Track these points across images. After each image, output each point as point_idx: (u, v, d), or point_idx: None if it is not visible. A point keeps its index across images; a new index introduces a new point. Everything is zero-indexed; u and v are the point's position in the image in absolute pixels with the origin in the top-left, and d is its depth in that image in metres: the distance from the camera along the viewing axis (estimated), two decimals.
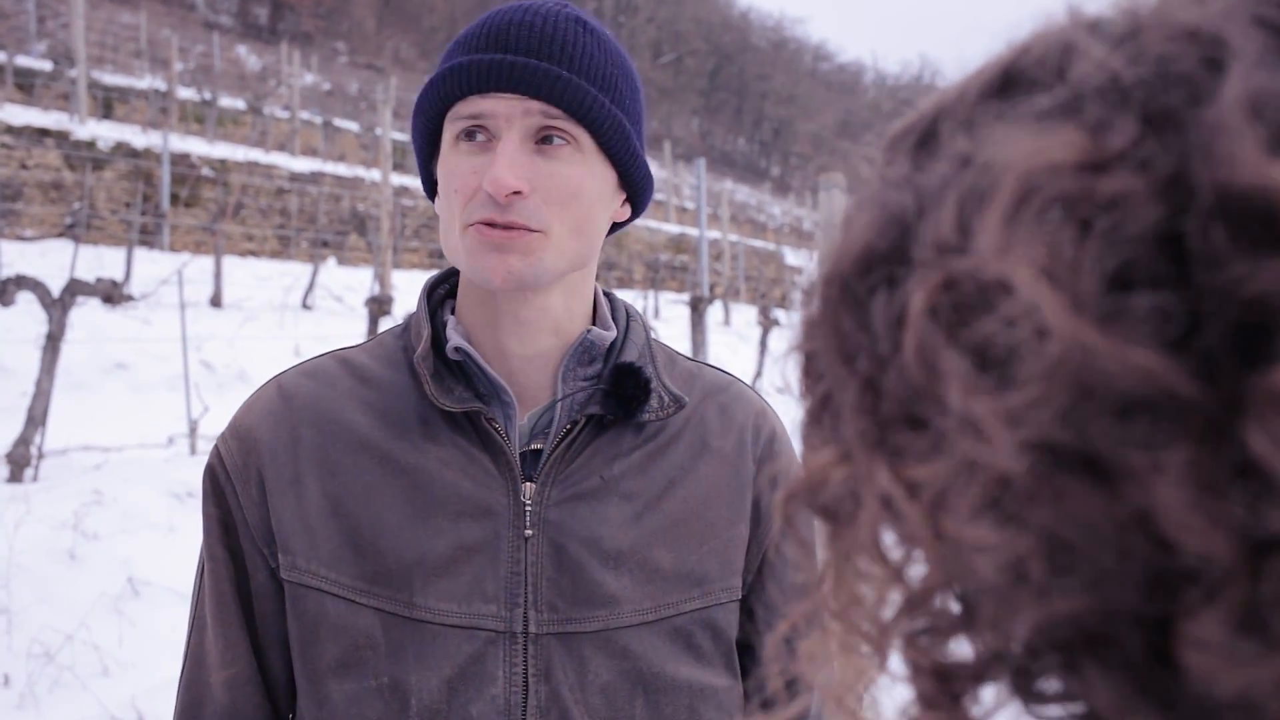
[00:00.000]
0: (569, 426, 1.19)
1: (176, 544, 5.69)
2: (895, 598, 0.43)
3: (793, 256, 32.42)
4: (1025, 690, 0.40)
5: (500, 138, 1.12)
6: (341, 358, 1.27)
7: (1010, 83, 0.40)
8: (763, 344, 12.83)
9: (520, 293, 1.17)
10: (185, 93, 24.86)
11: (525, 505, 1.16)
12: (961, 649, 0.42)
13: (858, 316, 0.42)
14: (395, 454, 1.17)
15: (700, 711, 1.19)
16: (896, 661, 0.47)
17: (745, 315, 21.51)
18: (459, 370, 1.21)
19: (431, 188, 1.26)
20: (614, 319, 1.29)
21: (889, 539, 0.43)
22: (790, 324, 0.49)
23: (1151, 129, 0.35)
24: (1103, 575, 0.34)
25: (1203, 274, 0.32)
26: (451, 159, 1.15)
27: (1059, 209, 0.34)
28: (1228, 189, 0.32)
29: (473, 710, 1.13)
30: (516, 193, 1.10)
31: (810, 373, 0.47)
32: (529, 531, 1.16)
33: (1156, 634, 0.35)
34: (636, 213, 1.28)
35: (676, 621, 1.19)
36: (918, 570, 0.41)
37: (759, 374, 12.62)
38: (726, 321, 19.78)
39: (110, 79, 23.66)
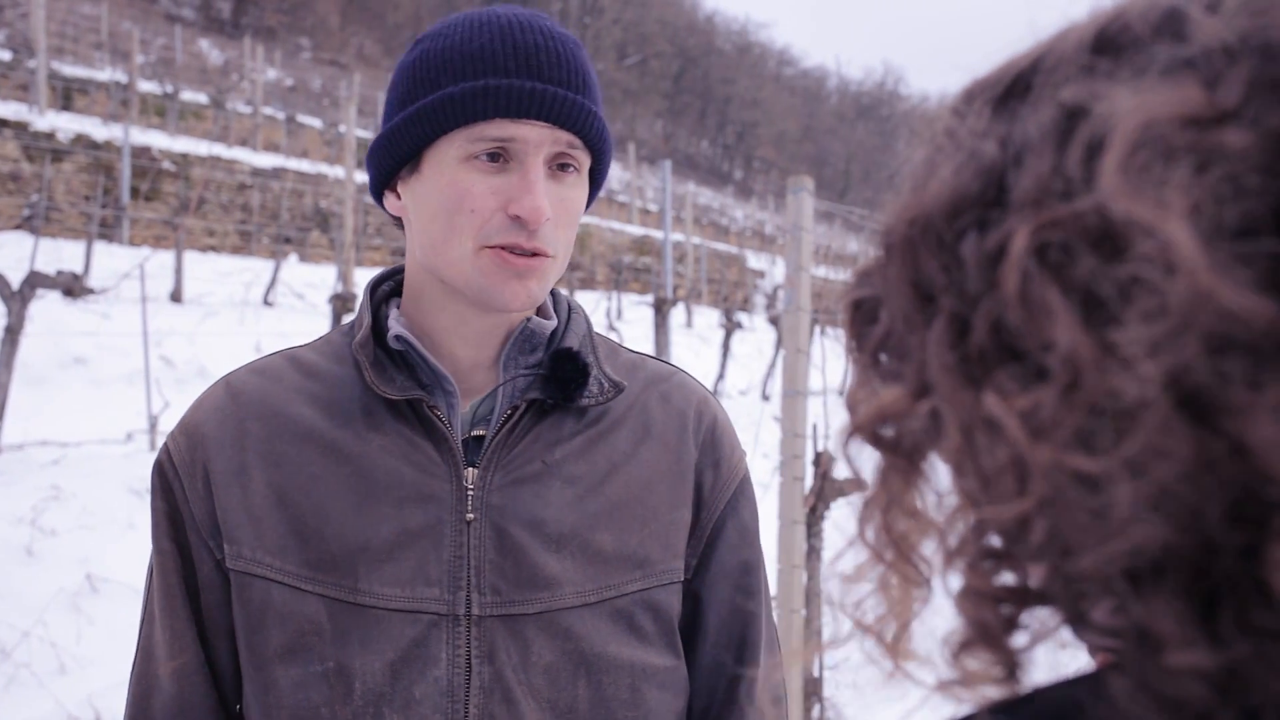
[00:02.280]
0: (510, 412, 1.22)
1: (136, 540, 5.65)
2: (960, 525, 0.46)
3: (755, 260, 32.50)
4: (1078, 616, 0.43)
5: (522, 163, 1.16)
6: (290, 355, 1.31)
7: (1110, 42, 0.43)
8: (725, 346, 12.86)
9: (510, 313, 1.22)
10: (146, 85, 24.61)
11: (468, 490, 1.19)
12: (1011, 578, 0.45)
13: (943, 257, 0.44)
14: (339, 443, 1.20)
15: (642, 691, 1.23)
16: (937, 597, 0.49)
17: (708, 318, 21.54)
18: (401, 360, 1.24)
19: (381, 187, 1.26)
20: (555, 311, 1.33)
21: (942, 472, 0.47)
22: (852, 273, 0.51)
23: (1258, 90, 0.37)
24: (1189, 505, 0.36)
25: None
26: (465, 177, 1.16)
27: (1181, 158, 0.36)
28: None
29: (416, 692, 1.15)
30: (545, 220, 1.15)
31: (862, 318, 0.50)
32: (471, 515, 1.19)
33: (1231, 565, 0.36)
34: None
35: (618, 603, 1.22)
36: (987, 501, 0.43)
37: (721, 376, 12.65)
38: (689, 324, 19.80)
39: (70, 70, 23.38)
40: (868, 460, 0.50)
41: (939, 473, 0.47)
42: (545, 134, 1.15)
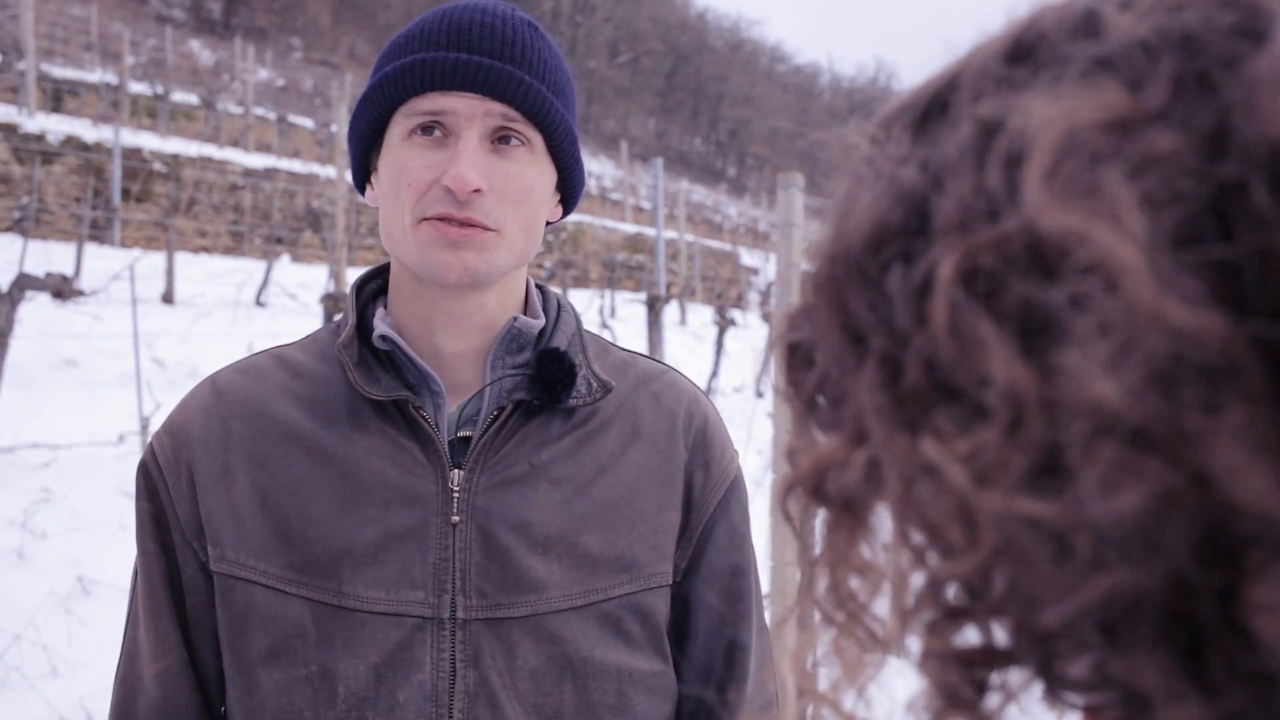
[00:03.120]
0: (496, 413, 1.20)
1: (127, 543, 5.63)
2: (916, 583, 0.42)
3: (748, 257, 32.53)
4: (1053, 674, 0.39)
5: (459, 135, 1.15)
6: (276, 354, 1.29)
7: (1026, 51, 0.40)
8: (718, 344, 12.86)
9: (456, 290, 1.19)
10: (137, 87, 24.60)
11: (453, 492, 1.18)
12: (975, 636, 0.41)
13: (869, 295, 0.41)
14: (324, 444, 1.19)
15: (629, 695, 1.21)
16: (893, 661, 0.46)
17: (701, 315, 21.56)
18: (387, 360, 1.23)
19: (364, 179, 1.27)
20: (544, 310, 1.31)
21: (888, 527, 0.43)
22: (780, 317, 0.49)
23: (1183, 88, 0.35)
24: (1154, 545, 0.33)
25: (1250, 232, 0.32)
26: (404, 153, 1.16)
27: (1110, 164, 0.34)
28: (1277, 143, 0.32)
29: (400, 696, 1.14)
30: (476, 190, 1.13)
31: (796, 364, 0.47)
32: (456, 518, 1.17)
33: (1208, 609, 0.34)
34: (567, 212, 1.32)
35: (605, 606, 1.20)
36: (938, 554, 0.40)
37: (715, 373, 12.65)
38: (683, 321, 19.82)
39: (60, 72, 23.36)
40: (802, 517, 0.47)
41: (886, 526, 0.44)
42: (476, 105, 1.14)
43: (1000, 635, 0.41)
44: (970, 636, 0.41)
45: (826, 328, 0.44)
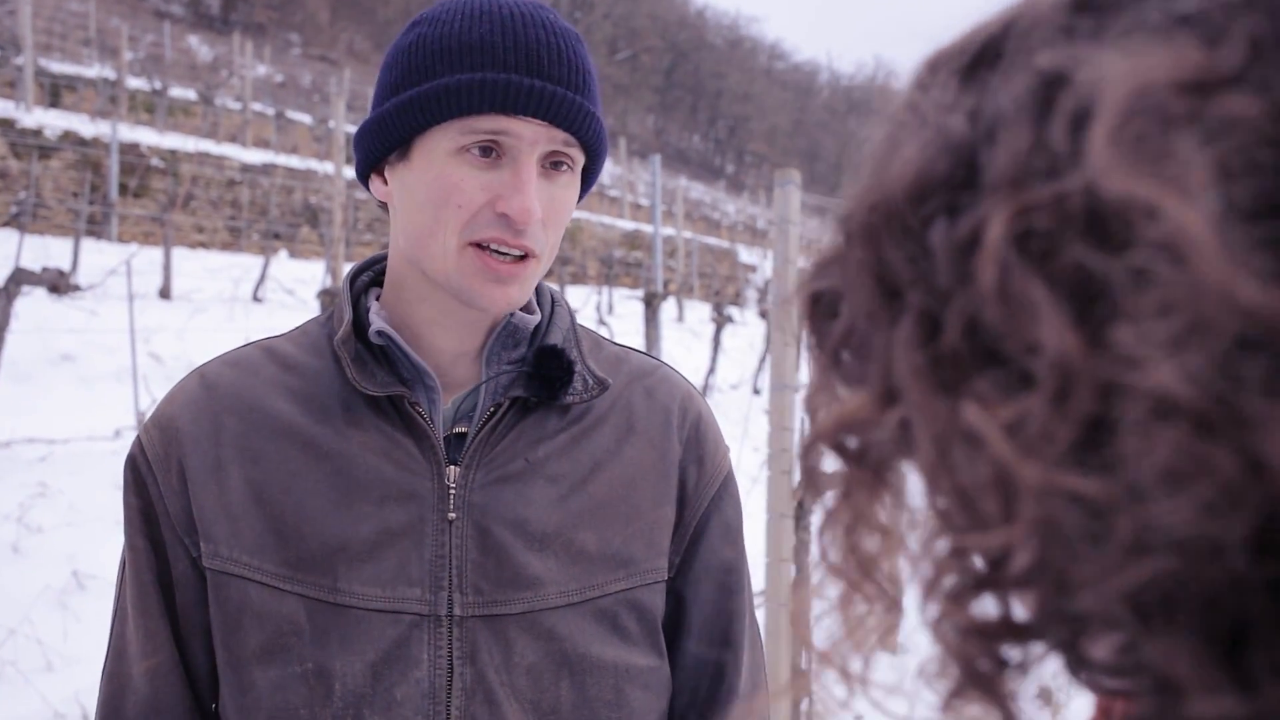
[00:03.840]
0: (493, 409, 1.20)
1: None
2: (940, 545, 0.40)
3: (746, 254, 32.52)
4: (1076, 654, 0.37)
5: (516, 159, 1.13)
6: (265, 346, 1.28)
7: (1093, 1, 0.38)
8: (716, 341, 12.85)
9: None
10: (135, 82, 24.54)
11: (449, 488, 1.17)
12: (995, 609, 0.39)
13: (908, 247, 0.39)
14: (318, 439, 1.18)
15: (626, 691, 1.21)
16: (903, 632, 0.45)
17: (699, 312, 21.54)
18: (382, 355, 1.22)
19: (368, 170, 1.24)
20: (539, 305, 1.31)
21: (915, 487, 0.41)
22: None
23: (1263, 50, 0.32)
24: (1205, 533, 0.31)
25: None
26: (454, 170, 1.13)
27: (1183, 128, 0.32)
28: None
29: (397, 693, 1.14)
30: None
31: (821, 312, 0.45)
32: (453, 514, 1.17)
33: (1255, 601, 0.32)
34: None
35: (602, 603, 1.21)
36: (968, 522, 0.38)
37: (712, 370, 12.64)
38: (680, 318, 19.80)
39: (58, 67, 23.32)
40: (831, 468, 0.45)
41: (911, 485, 0.43)
42: (541, 132, 1.13)
43: (1022, 609, 0.39)
44: (990, 608, 0.39)
45: (858, 278, 0.41)
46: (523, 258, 1.15)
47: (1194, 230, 0.30)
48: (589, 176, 1.25)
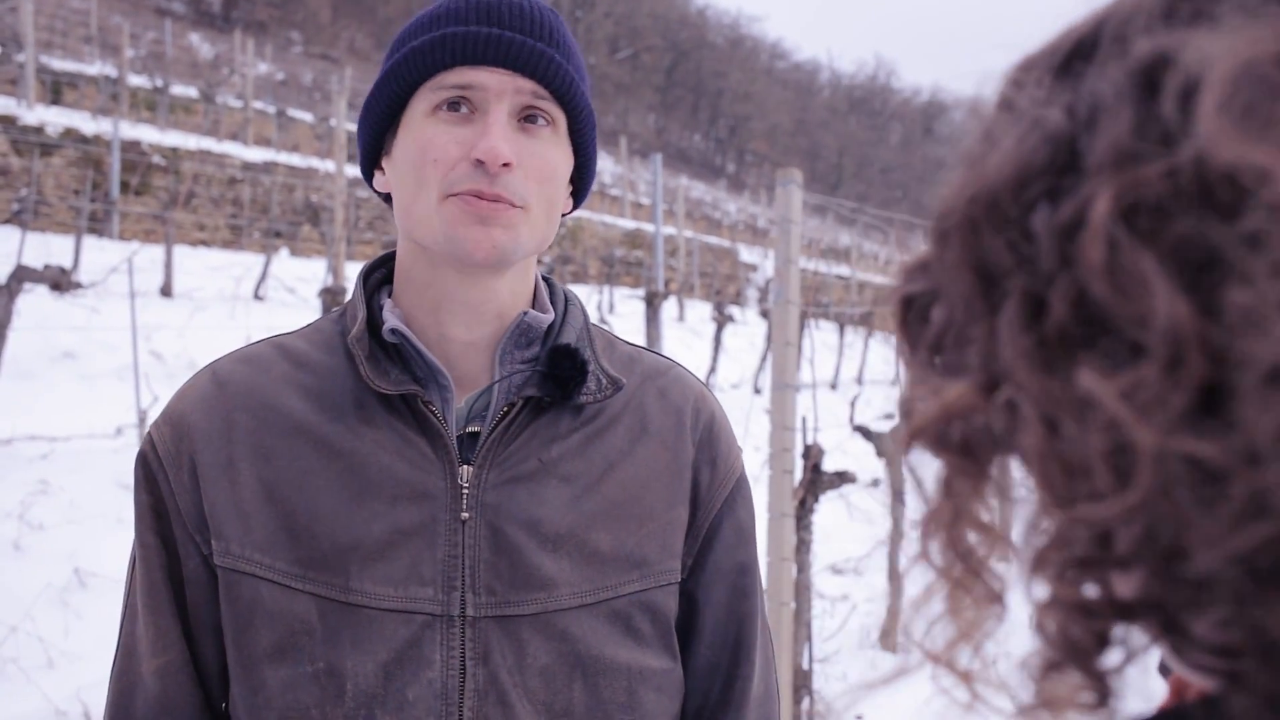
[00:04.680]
0: (506, 409, 1.20)
1: (124, 535, 5.62)
2: (1042, 531, 0.41)
3: (747, 253, 32.50)
4: (1179, 630, 0.38)
5: (486, 111, 1.14)
6: (278, 343, 1.27)
7: None
8: (716, 340, 12.86)
9: (476, 273, 1.18)
10: (136, 79, 24.51)
11: (463, 488, 1.17)
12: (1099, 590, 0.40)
13: (1008, 235, 0.41)
14: (330, 438, 1.17)
15: (639, 693, 1.21)
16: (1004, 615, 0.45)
17: (700, 311, 21.52)
18: (395, 353, 1.21)
19: (371, 164, 1.25)
20: (552, 303, 1.30)
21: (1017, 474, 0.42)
22: (897, 269, 0.48)
23: None
24: None
25: None
26: (429, 128, 1.15)
27: None
28: None
29: (409, 694, 1.13)
30: (506, 165, 1.12)
31: (914, 316, 0.46)
32: (466, 514, 1.16)
33: None
34: (576, 204, 1.31)
35: (615, 604, 1.20)
36: (1082, 498, 0.39)
37: (713, 369, 12.65)
38: (681, 317, 19.79)
39: (59, 64, 23.28)
40: (926, 470, 0.46)
41: (1011, 478, 0.44)
42: (506, 81, 1.14)
43: (1124, 587, 0.39)
44: (1093, 589, 0.40)
45: (957, 271, 0.43)
46: (497, 201, 1.14)
47: None
48: (582, 148, 1.24)
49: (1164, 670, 0.50)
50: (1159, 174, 0.35)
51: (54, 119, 17.90)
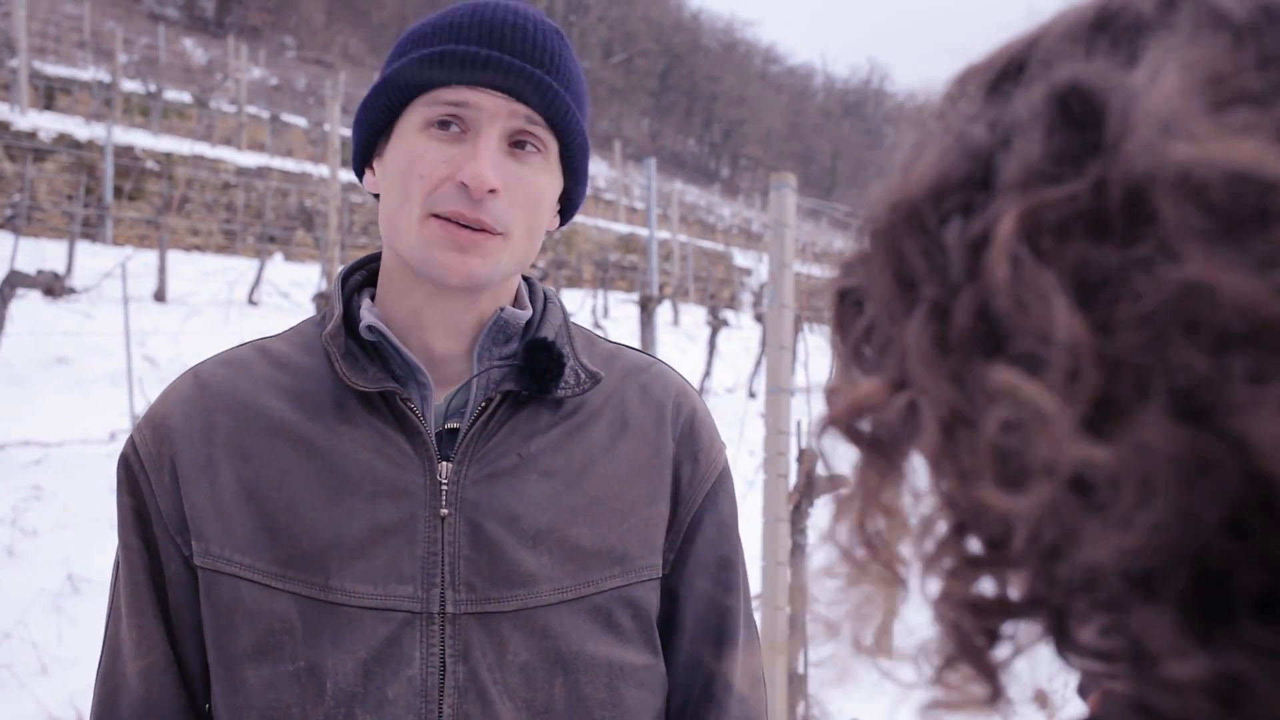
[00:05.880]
0: (485, 404, 1.20)
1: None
2: (941, 526, 0.43)
3: (741, 258, 32.52)
4: (1063, 634, 0.40)
5: (478, 133, 1.14)
6: (259, 346, 1.28)
7: (1111, 21, 0.41)
8: (711, 344, 12.86)
9: (452, 291, 1.19)
10: (130, 85, 24.49)
11: (442, 485, 1.17)
12: (991, 588, 0.42)
13: (924, 244, 0.42)
14: (310, 437, 1.18)
15: (620, 689, 1.21)
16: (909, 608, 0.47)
17: (694, 316, 21.53)
18: (374, 351, 1.22)
19: (362, 164, 1.26)
20: (531, 301, 1.31)
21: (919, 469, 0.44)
22: (835, 263, 0.50)
23: (1267, 60, 0.36)
24: (1186, 508, 0.34)
25: None
26: (418, 143, 1.15)
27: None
28: None
29: (389, 691, 1.13)
30: (491, 191, 1.13)
31: (845, 309, 0.48)
32: (445, 511, 1.16)
33: (1231, 572, 0.34)
34: (563, 222, 1.31)
35: (596, 600, 1.20)
36: (968, 500, 0.41)
37: (707, 373, 12.65)
38: (675, 322, 19.79)
39: (53, 69, 23.27)
40: (844, 456, 0.48)
41: (918, 472, 0.45)
42: (501, 104, 1.14)
43: (1016, 587, 0.41)
44: (987, 587, 0.42)
45: (879, 273, 0.44)
46: (480, 231, 1.14)
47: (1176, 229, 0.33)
48: (575, 173, 1.24)
49: (1084, 691, 0.52)
50: (1063, 197, 0.37)
51: (47, 124, 17.88)
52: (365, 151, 1.24)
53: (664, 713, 1.28)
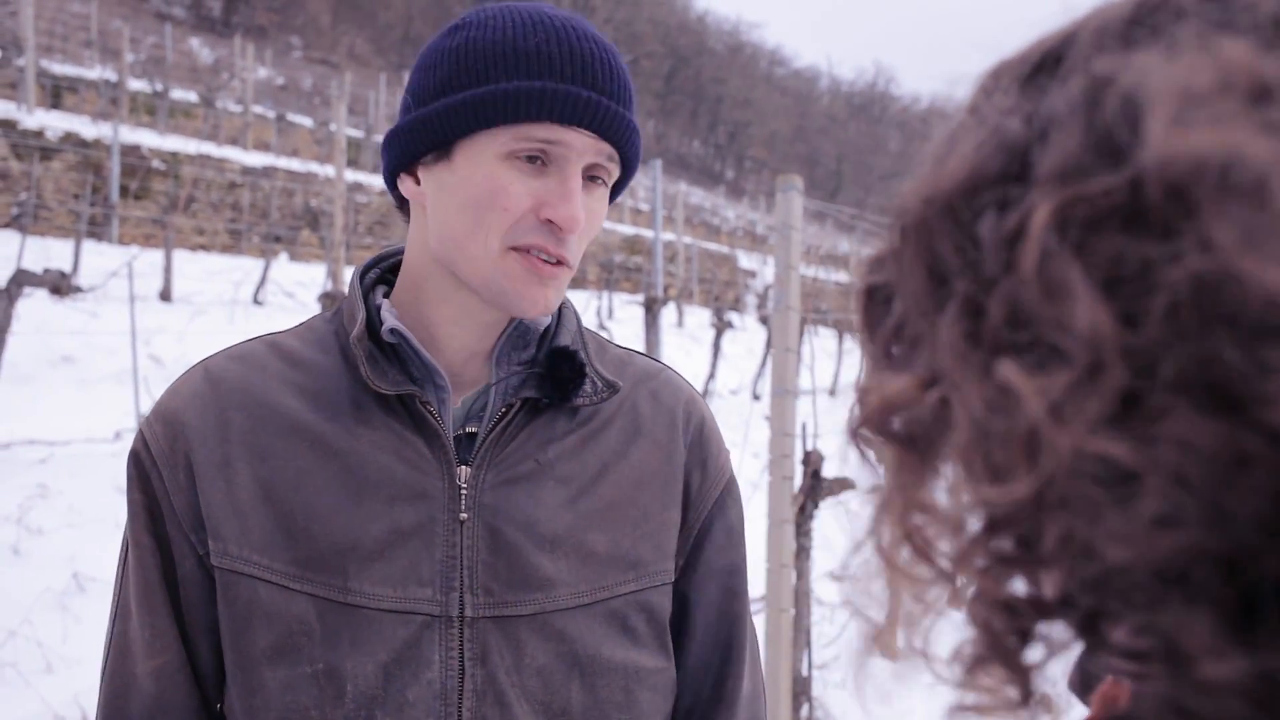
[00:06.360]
0: (504, 410, 1.20)
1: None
2: (972, 524, 0.42)
3: (746, 260, 32.52)
4: (1095, 634, 0.40)
5: (562, 169, 1.14)
6: (270, 341, 1.26)
7: (1150, 14, 0.41)
8: (715, 346, 12.85)
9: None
10: (136, 84, 24.55)
11: (461, 489, 1.17)
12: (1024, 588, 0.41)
13: (958, 238, 0.42)
14: (328, 437, 1.17)
15: (635, 692, 1.21)
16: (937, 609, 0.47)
17: (699, 317, 21.53)
18: (393, 353, 1.21)
19: (399, 169, 1.21)
20: None
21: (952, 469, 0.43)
22: (862, 260, 0.49)
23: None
24: (1220, 504, 0.34)
25: None
26: (500, 173, 1.13)
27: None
28: None
29: (409, 694, 1.13)
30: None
31: (874, 306, 0.48)
32: (464, 515, 1.16)
33: (1267, 569, 0.34)
34: None
35: (612, 604, 1.21)
36: (998, 493, 0.40)
37: (712, 375, 12.64)
38: (680, 323, 19.80)
39: (59, 68, 23.33)
40: (873, 456, 0.48)
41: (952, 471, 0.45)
42: (590, 144, 1.14)
43: (1049, 587, 0.41)
44: (1020, 587, 0.42)
45: (911, 268, 0.44)
46: (558, 264, 1.16)
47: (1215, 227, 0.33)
48: (614, 191, 1.26)
49: (1078, 687, 0.51)
50: (1099, 191, 0.37)
51: (54, 123, 17.92)
52: (410, 159, 1.20)
53: (672, 715, 1.28)
